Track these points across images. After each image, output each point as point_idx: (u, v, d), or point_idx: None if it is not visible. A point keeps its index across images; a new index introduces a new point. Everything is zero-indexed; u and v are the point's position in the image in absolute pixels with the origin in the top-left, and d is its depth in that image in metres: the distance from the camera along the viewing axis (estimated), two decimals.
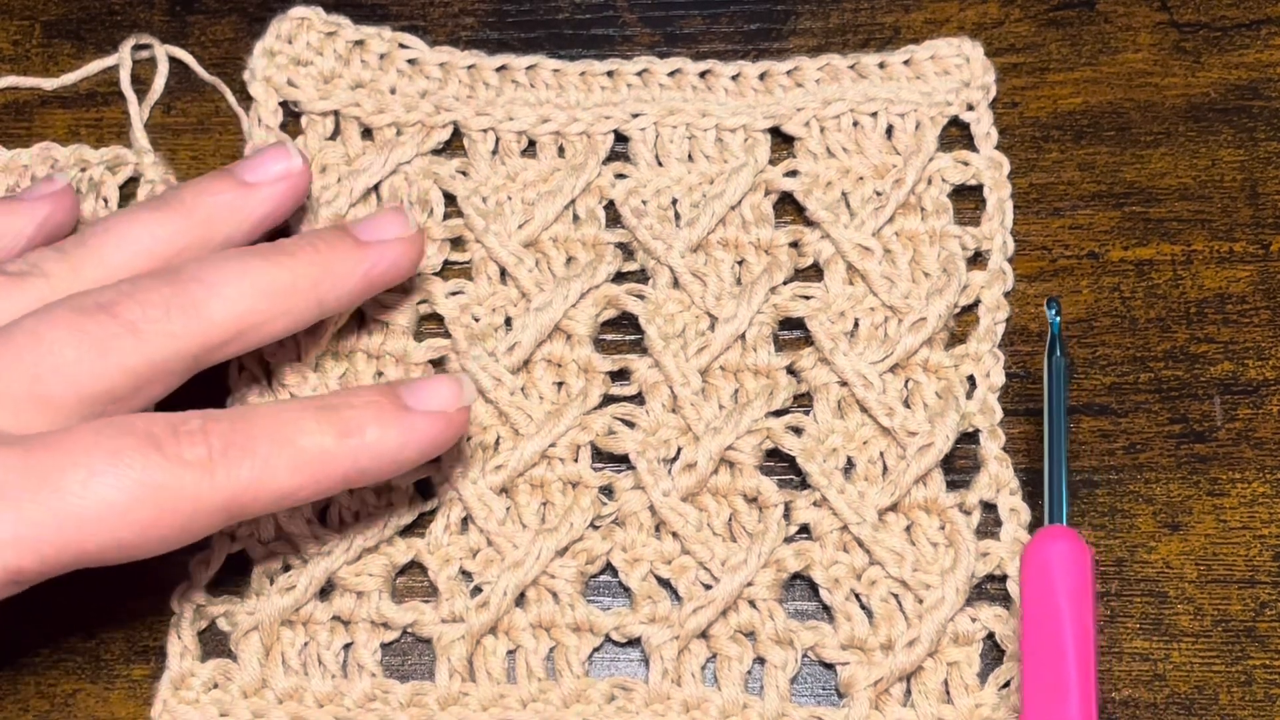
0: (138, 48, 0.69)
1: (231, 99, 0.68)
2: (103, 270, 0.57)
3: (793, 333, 0.64)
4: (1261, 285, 0.64)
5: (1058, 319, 0.60)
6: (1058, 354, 0.59)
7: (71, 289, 0.55)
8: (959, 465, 0.61)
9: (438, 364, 0.63)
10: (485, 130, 0.66)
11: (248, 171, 0.60)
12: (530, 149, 0.67)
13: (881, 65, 0.67)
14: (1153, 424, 0.62)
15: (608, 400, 0.62)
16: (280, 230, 0.62)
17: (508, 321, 0.63)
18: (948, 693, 0.58)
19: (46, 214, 0.60)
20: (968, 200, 0.66)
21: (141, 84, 0.68)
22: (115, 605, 0.60)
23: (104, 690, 0.59)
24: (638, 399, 0.62)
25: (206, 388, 0.62)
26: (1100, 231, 0.65)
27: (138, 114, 0.67)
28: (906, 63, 0.67)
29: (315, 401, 0.55)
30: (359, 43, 0.68)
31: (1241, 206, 0.65)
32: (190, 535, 0.52)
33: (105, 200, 0.65)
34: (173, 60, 0.69)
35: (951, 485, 0.61)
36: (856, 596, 0.59)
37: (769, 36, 0.69)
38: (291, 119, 0.67)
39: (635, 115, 0.66)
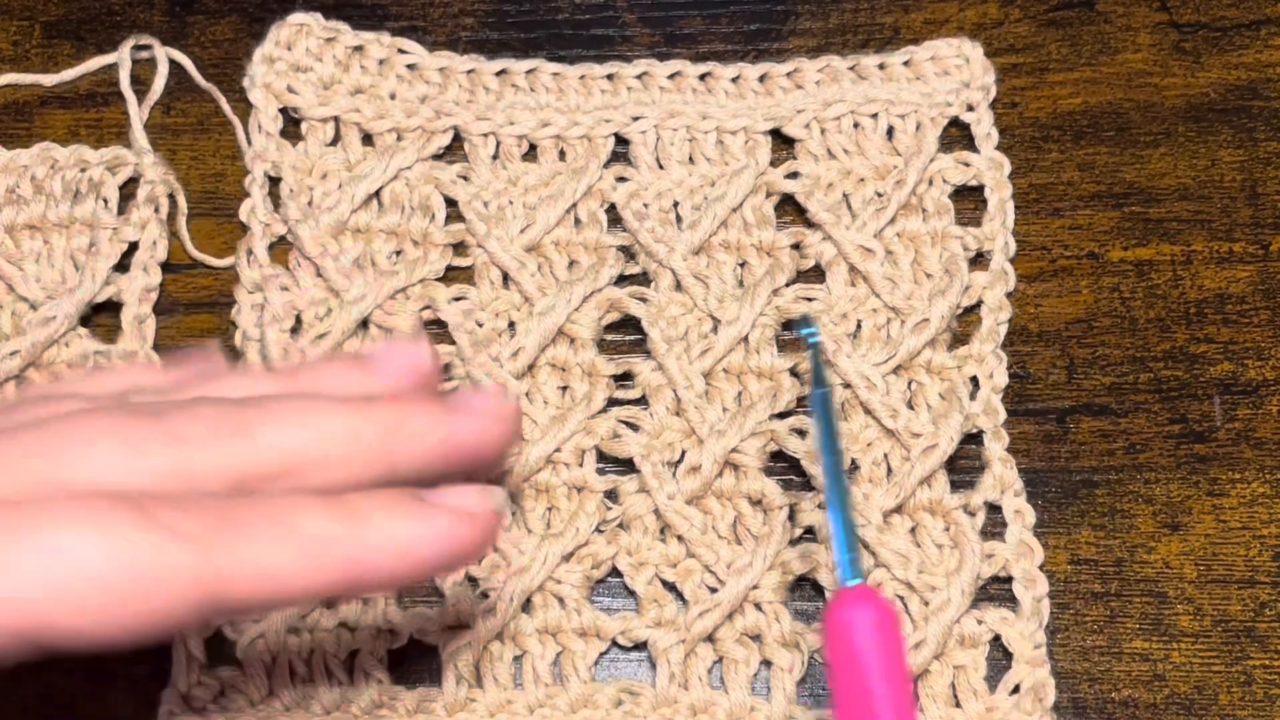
0: (138, 48, 0.68)
1: (226, 107, 0.67)
2: None
3: (795, 334, 0.64)
4: (1261, 285, 0.64)
5: (817, 340, 0.55)
6: (824, 384, 0.53)
7: None
8: (962, 466, 0.61)
9: (442, 370, 0.63)
10: (486, 135, 0.66)
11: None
12: (531, 153, 0.67)
13: (881, 66, 0.67)
14: (1153, 424, 0.62)
15: (612, 403, 0.63)
16: None
17: (511, 326, 0.63)
18: (955, 697, 0.58)
19: None
20: (968, 200, 0.66)
21: (141, 84, 0.68)
22: None
23: (104, 690, 0.59)
24: (641, 402, 0.63)
25: None
26: (1100, 231, 0.65)
27: (137, 114, 0.67)
28: (906, 64, 0.67)
29: (323, 494, 0.47)
30: (358, 48, 0.67)
31: (1241, 206, 0.66)
32: (170, 619, 0.45)
33: (105, 200, 0.65)
34: (172, 60, 0.68)
35: (955, 486, 0.61)
36: None
37: (769, 37, 0.69)
38: (291, 125, 0.67)
39: (636, 118, 0.66)
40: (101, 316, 0.64)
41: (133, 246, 0.65)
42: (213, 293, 0.65)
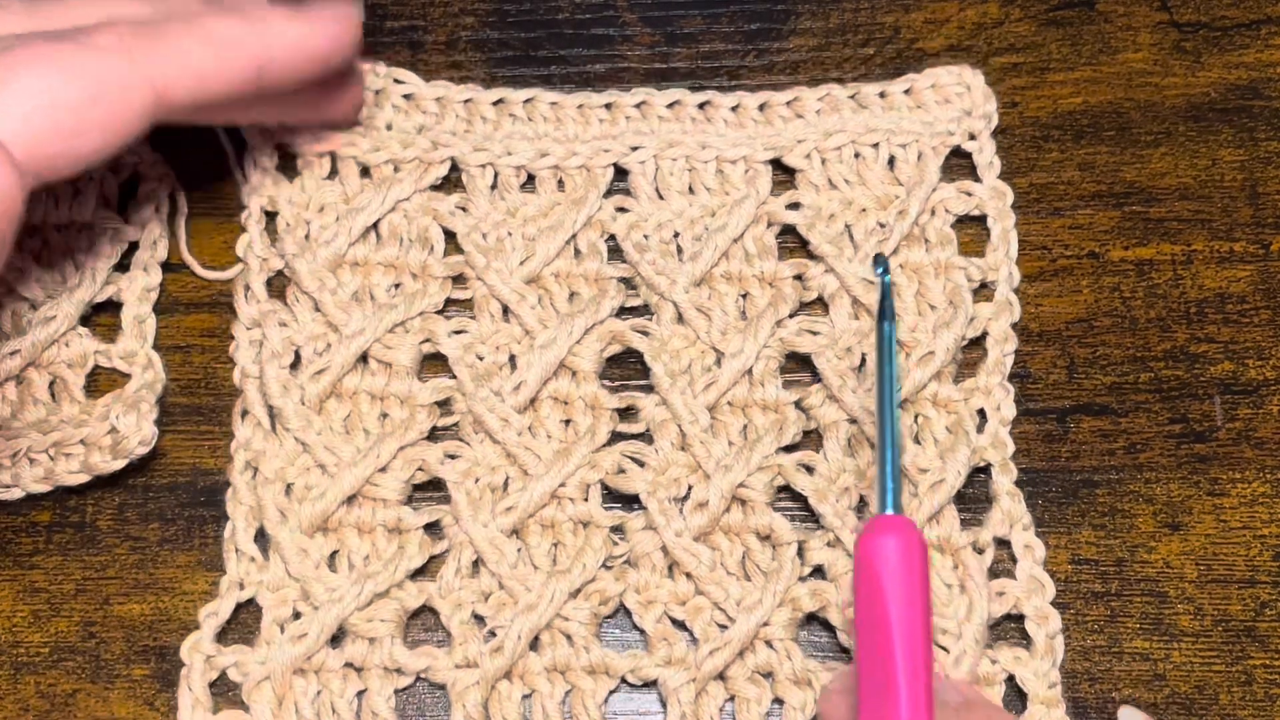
0: None
1: (223, 136, 0.67)
2: None
3: (799, 367, 0.64)
4: (1261, 285, 0.64)
5: (887, 277, 0.56)
6: (887, 322, 0.55)
7: None
8: (968, 495, 0.61)
9: (443, 405, 0.63)
10: (483, 165, 0.66)
11: None
12: (529, 183, 0.66)
13: (882, 95, 0.67)
14: (1153, 424, 0.62)
15: (616, 437, 0.62)
16: None
17: (511, 359, 0.63)
18: None
19: None
20: (969, 226, 0.66)
21: None
22: (115, 604, 0.60)
23: (104, 690, 0.59)
24: (646, 437, 0.62)
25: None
26: (1100, 231, 0.65)
27: None
28: (907, 92, 0.67)
29: (222, 2, 0.59)
30: None
31: (1241, 206, 0.65)
32: (128, 121, 0.54)
33: (105, 199, 0.65)
34: None
35: (963, 521, 0.61)
36: None
37: (769, 36, 0.69)
38: (287, 160, 0.66)
39: (634, 148, 0.66)
40: (101, 316, 0.64)
41: (133, 246, 0.65)
42: (213, 292, 0.65)
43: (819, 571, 0.60)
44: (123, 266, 0.65)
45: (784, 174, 0.66)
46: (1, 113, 0.52)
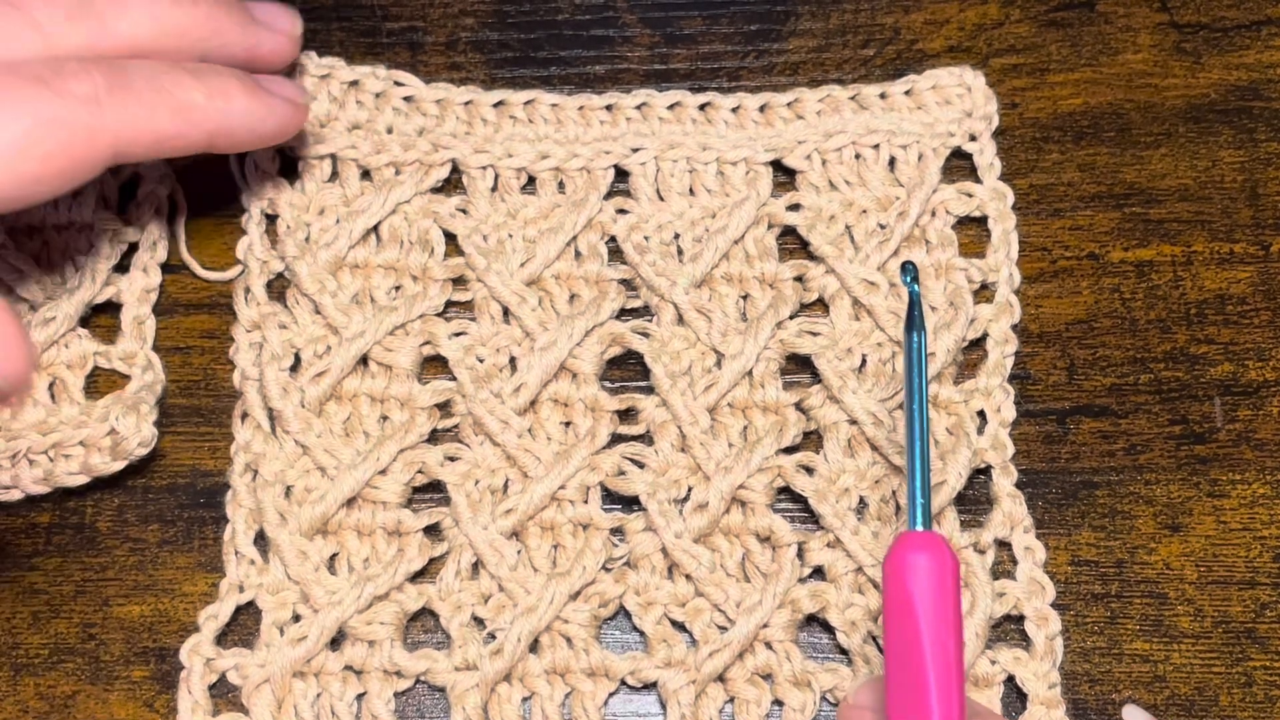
0: None
1: None
2: None
3: (799, 368, 0.64)
4: (1261, 286, 0.64)
5: (915, 286, 0.54)
6: (916, 333, 0.52)
7: None
8: (968, 497, 0.61)
9: (443, 407, 0.63)
10: (484, 167, 0.66)
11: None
12: (530, 185, 0.66)
13: (883, 96, 0.66)
14: (1153, 425, 0.62)
15: (616, 439, 0.62)
16: None
17: (512, 361, 0.63)
18: None
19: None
20: (969, 227, 0.66)
21: None
22: (115, 606, 0.60)
23: (104, 691, 0.59)
24: (646, 438, 0.62)
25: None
26: (1100, 232, 0.65)
27: None
28: (908, 93, 0.66)
29: (185, 65, 0.59)
30: (353, 83, 0.67)
31: (1241, 207, 0.65)
32: (86, 169, 0.55)
33: (105, 200, 0.65)
34: None
35: (963, 523, 0.61)
36: (874, 640, 0.59)
37: (769, 37, 0.69)
38: (288, 163, 0.66)
39: (635, 150, 0.66)
40: (101, 316, 0.64)
41: (132, 247, 0.65)
42: (212, 294, 0.65)
43: (819, 573, 0.60)
44: (122, 267, 0.65)
45: (785, 175, 0.66)
46: None
